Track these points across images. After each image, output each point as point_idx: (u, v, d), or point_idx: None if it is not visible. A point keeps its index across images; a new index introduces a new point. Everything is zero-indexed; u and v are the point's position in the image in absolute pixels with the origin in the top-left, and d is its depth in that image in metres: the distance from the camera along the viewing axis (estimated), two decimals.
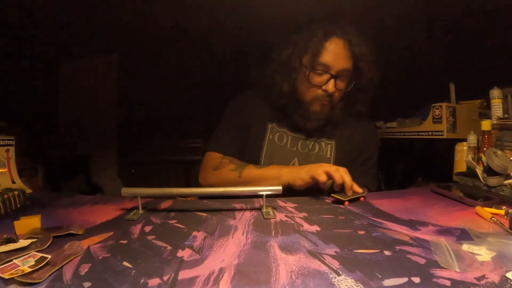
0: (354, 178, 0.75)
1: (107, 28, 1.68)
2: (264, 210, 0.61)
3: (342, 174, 0.72)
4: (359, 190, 0.73)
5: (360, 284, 0.33)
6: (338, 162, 0.94)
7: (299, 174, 0.78)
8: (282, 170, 0.82)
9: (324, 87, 0.88)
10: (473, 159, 0.86)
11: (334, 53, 0.87)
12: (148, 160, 1.99)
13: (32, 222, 0.51)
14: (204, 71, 1.92)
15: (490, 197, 0.65)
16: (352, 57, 0.88)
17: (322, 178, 0.72)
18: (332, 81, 0.87)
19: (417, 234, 0.48)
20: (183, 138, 1.95)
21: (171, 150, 1.95)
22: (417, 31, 1.54)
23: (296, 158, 0.96)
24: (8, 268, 0.36)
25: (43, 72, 1.75)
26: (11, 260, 0.38)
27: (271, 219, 0.57)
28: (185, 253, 0.42)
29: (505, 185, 0.71)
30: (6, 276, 0.34)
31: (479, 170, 0.77)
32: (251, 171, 0.87)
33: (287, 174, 0.80)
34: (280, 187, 0.63)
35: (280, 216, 0.58)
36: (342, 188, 0.72)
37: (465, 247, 0.41)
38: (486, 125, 0.89)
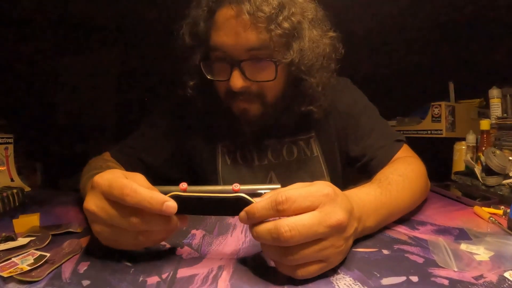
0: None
1: (107, 26, 1.67)
2: None
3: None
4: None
5: (358, 283, 0.33)
6: (330, 156, 0.75)
7: None
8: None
9: (229, 82, 0.61)
10: (472, 158, 0.86)
11: (227, 28, 0.59)
12: None
13: (31, 220, 0.51)
14: None
15: (488, 197, 0.66)
16: (258, 27, 0.57)
17: None
18: (235, 72, 0.60)
19: (415, 233, 0.48)
20: None
21: None
22: (416, 30, 1.54)
23: (272, 172, 0.74)
24: (7, 266, 0.36)
25: (42, 69, 1.75)
26: (10, 259, 0.38)
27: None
28: (184, 251, 0.42)
29: (504, 185, 0.71)
30: (5, 274, 0.34)
31: (477, 170, 0.78)
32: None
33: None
34: (279, 185, 0.61)
35: None
36: None
37: (463, 246, 0.41)
38: (485, 124, 0.89)
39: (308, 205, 0.33)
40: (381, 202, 0.46)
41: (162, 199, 0.34)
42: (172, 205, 0.34)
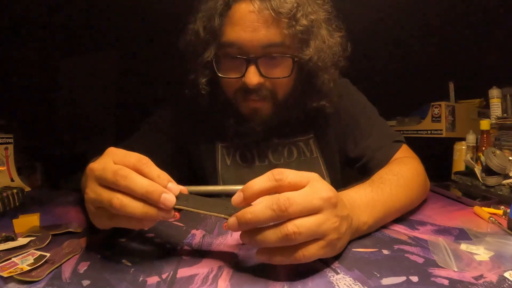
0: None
1: (106, 26, 1.67)
2: None
3: None
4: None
5: (358, 283, 0.33)
6: (330, 157, 0.76)
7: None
8: None
9: (244, 78, 0.60)
10: (472, 158, 0.86)
11: (245, 23, 0.58)
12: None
13: (31, 220, 0.51)
14: None
15: (488, 197, 0.66)
16: (279, 23, 0.58)
17: None
18: (252, 68, 0.59)
19: (415, 233, 0.48)
20: None
21: None
22: (416, 30, 1.54)
23: None
24: (7, 266, 0.36)
25: (42, 69, 1.75)
26: (10, 259, 0.38)
27: None
28: (184, 251, 0.42)
29: (504, 185, 0.71)
30: (5, 274, 0.34)
31: (477, 170, 0.78)
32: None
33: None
34: None
35: None
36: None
37: (463, 246, 0.41)
38: (485, 124, 0.89)
39: (300, 180, 0.34)
40: (372, 199, 0.46)
41: (161, 190, 0.34)
42: (170, 198, 0.34)
